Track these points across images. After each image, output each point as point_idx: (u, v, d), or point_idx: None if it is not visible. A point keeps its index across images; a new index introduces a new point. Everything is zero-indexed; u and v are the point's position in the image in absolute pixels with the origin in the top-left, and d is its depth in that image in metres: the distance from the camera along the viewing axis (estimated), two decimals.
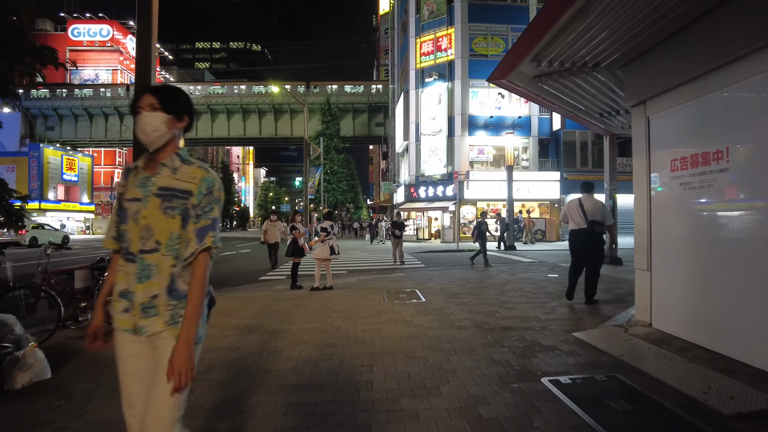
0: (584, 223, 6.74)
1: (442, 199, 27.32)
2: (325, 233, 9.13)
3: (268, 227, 13.64)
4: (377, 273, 12.34)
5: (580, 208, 6.85)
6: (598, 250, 6.79)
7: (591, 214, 6.75)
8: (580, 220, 6.80)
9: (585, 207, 6.87)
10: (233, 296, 8.65)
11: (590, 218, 6.73)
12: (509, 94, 27.94)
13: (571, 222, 6.96)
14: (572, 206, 6.94)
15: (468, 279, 10.35)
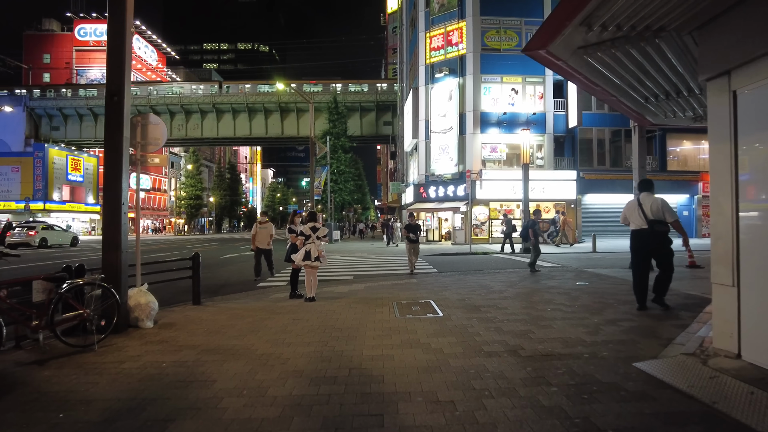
0: (644, 223, 6.16)
1: (453, 199, 26.23)
2: (304, 237, 8.09)
3: (256, 230, 11.79)
4: (386, 279, 11.31)
5: (639, 208, 6.26)
6: (666, 250, 6.22)
7: (651, 213, 6.14)
8: (640, 221, 6.23)
9: (644, 206, 6.24)
10: (225, 307, 7.66)
11: (651, 217, 6.12)
12: (523, 90, 26.84)
13: (631, 223, 6.42)
14: (631, 206, 6.43)
15: (488, 288, 9.28)
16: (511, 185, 25.80)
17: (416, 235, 12.32)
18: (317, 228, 8.12)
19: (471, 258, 17.57)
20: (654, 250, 6.27)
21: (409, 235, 12.29)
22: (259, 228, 11.82)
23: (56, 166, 47.72)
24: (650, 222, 6.10)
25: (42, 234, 27.91)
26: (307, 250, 7.97)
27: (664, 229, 6.07)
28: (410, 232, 12.29)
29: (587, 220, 27.29)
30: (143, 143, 7.07)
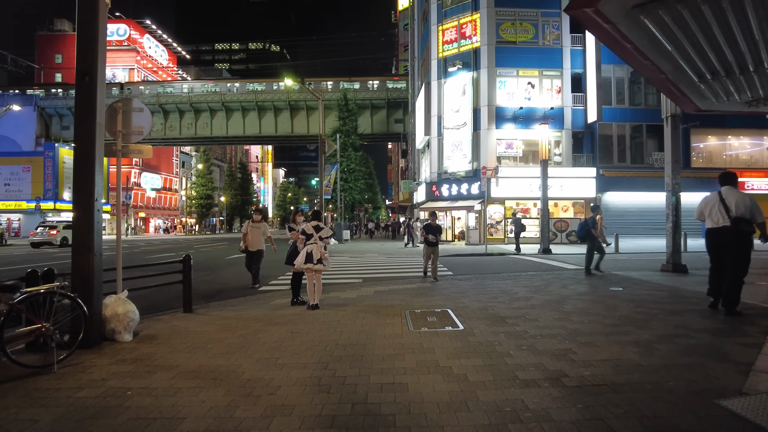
0: (727, 221, 5.47)
1: (467, 197, 25.28)
2: (305, 237, 7.29)
3: (248, 230, 10.26)
4: (398, 283, 10.43)
5: (721, 204, 5.54)
6: (743, 252, 5.50)
7: (737, 210, 5.40)
8: (720, 218, 5.56)
9: (727, 202, 5.47)
10: (218, 315, 6.87)
11: (736, 215, 5.39)
12: (540, 84, 25.79)
13: (708, 220, 5.80)
14: (711, 201, 5.76)
15: (511, 294, 8.38)
16: (527, 183, 24.78)
17: (436, 237, 10.70)
18: (321, 228, 7.29)
19: (487, 259, 16.62)
20: (731, 250, 5.51)
21: (428, 237, 10.72)
22: (251, 227, 10.31)
23: (66, 165, 47.56)
24: (734, 220, 5.39)
25: (63, 233, 28.34)
26: (308, 251, 7.16)
27: (749, 230, 5.19)
28: (429, 233, 10.70)
29: (607, 219, 26.04)
30: (125, 132, 6.30)
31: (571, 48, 25.88)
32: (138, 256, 20.30)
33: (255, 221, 10.42)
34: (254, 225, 10.33)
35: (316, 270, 7.21)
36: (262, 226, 10.37)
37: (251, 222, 10.40)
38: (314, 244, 7.17)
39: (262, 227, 10.36)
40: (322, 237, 7.24)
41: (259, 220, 10.49)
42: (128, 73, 62.06)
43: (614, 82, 26.25)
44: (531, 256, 17.93)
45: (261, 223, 10.44)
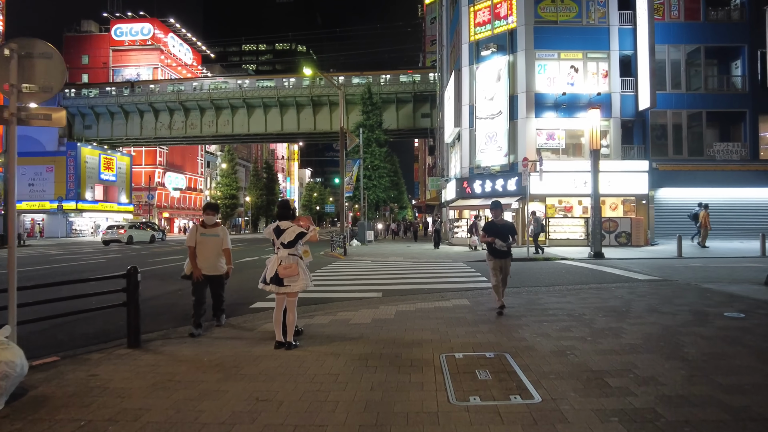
0: None
1: (503, 194, 22.74)
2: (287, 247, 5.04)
3: (197, 240, 5.97)
4: (427, 298, 8.19)
5: None
6: None
7: None
8: None
9: None
10: (170, 356, 4.80)
11: None
12: (584, 67, 23.06)
13: None
14: None
15: (587, 322, 6.05)
16: (570, 178, 22.11)
17: (507, 243, 6.74)
18: (282, 230, 5.08)
19: (532, 266, 14.18)
20: None
21: (494, 242, 6.72)
22: (201, 236, 5.95)
23: (89, 165, 47.05)
24: None
25: (130, 232, 32.36)
26: (283, 263, 5.00)
27: None
28: (495, 235, 6.74)
29: (661, 219, 23.24)
30: (29, 89, 4.28)
31: (620, 27, 23.05)
32: (143, 258, 18.64)
33: (207, 226, 6.04)
34: (207, 233, 5.98)
35: (281, 294, 5.05)
36: (219, 232, 6.07)
37: (200, 228, 6.03)
38: (288, 254, 5.02)
39: (221, 235, 6.06)
40: (286, 243, 5.02)
41: (214, 223, 6.11)
42: (152, 71, 61.64)
43: (669, 65, 23.27)
44: (581, 261, 15.38)
45: (217, 228, 6.09)
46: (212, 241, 5.99)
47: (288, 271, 4.91)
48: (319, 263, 16.25)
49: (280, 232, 5.03)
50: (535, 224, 18.50)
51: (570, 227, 22.51)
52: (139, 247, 28.22)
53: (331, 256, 19.65)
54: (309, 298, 8.61)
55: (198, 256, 5.94)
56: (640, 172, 22.62)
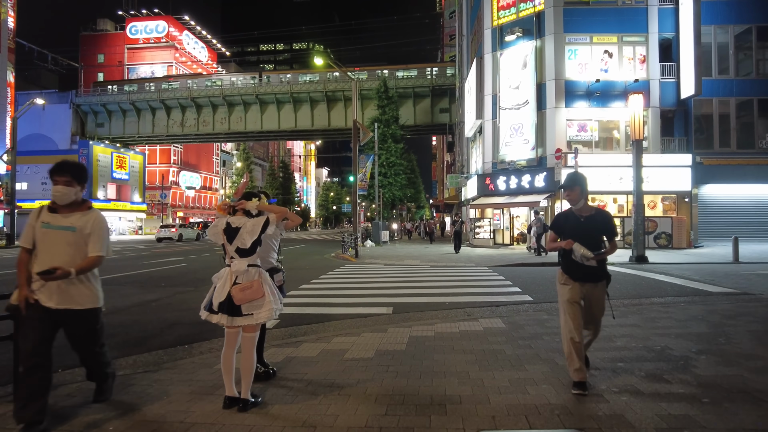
0: None
1: (530, 191, 20.87)
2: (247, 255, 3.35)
3: (37, 238, 3.04)
4: (449, 316, 6.50)
5: None
6: None
7: None
8: None
9: None
10: None
11: None
12: (619, 52, 21.04)
13: None
14: None
15: (680, 362, 4.29)
16: (605, 173, 20.11)
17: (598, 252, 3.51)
18: (236, 230, 3.34)
19: None
20: None
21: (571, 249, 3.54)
22: (41, 227, 3.03)
23: (101, 164, 46.40)
24: None
25: (180, 231, 36.15)
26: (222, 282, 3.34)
27: None
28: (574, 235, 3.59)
29: (705, 219, 21.05)
30: None
31: (659, 7, 20.95)
32: (132, 262, 17.26)
33: (52, 210, 3.09)
34: (47, 224, 3.05)
35: (234, 328, 3.34)
36: (85, 221, 3.10)
37: (42, 215, 3.06)
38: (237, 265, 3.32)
39: (88, 225, 3.10)
40: (246, 249, 3.32)
41: (72, 203, 3.13)
42: (166, 69, 60.98)
43: (715, 48, 21.07)
44: (622, 266, 13.46)
45: (82, 217, 3.11)
46: (60, 239, 3.05)
47: (248, 294, 3.24)
48: (327, 266, 14.65)
49: (233, 232, 3.36)
50: (538, 224, 17.22)
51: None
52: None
53: (342, 258, 18.07)
54: (303, 315, 6.99)
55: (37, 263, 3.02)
56: (681, 166, 20.53)
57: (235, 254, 3.34)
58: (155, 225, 52.56)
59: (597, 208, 3.79)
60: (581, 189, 3.67)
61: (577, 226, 3.65)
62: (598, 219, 3.69)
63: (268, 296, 3.31)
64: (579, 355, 3.52)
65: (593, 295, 3.69)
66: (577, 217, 3.70)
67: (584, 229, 3.62)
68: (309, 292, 9.26)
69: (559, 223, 3.84)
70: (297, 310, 7.33)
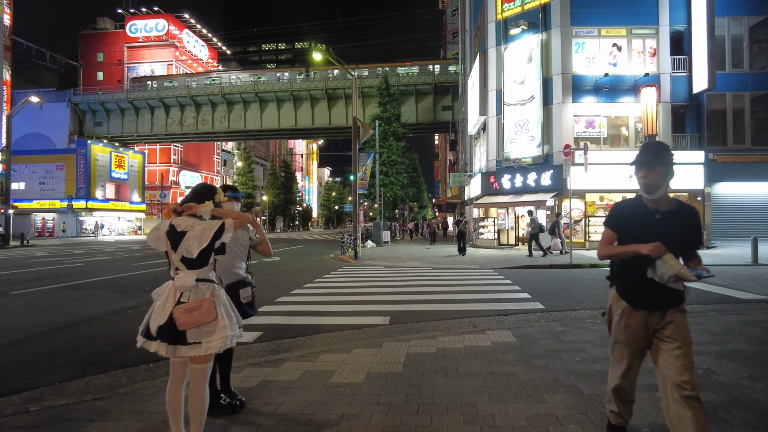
0: None
1: (536, 190, 20.13)
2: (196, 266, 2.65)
3: None
4: (453, 328, 5.81)
5: None
6: None
7: None
8: None
9: None
10: None
11: None
12: (629, 45, 20.25)
13: None
14: None
15: (728, 389, 3.56)
16: (614, 171, 19.32)
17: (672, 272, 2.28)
18: (180, 233, 2.62)
19: (578, 275, 11.59)
20: None
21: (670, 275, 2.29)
22: None
23: (99, 163, 45.81)
24: None
25: None
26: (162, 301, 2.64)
27: None
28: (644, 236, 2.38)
29: (718, 219, 20.27)
30: None
31: None
32: (121, 264, 16.58)
33: None
34: None
35: (184, 358, 2.64)
36: None
37: None
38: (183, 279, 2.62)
39: None
40: (194, 258, 2.61)
41: None
42: (166, 68, 60.40)
43: (729, 41, 20.26)
44: None
45: None
46: None
47: (195, 316, 2.53)
48: (324, 268, 13.97)
49: (178, 237, 2.65)
50: (533, 225, 16.65)
51: (527, 228, 19.81)
52: None
53: (340, 260, 17.38)
54: (290, 326, 6.31)
55: None
56: (693, 164, 19.71)
57: (180, 265, 2.64)
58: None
59: (679, 201, 2.53)
60: (665, 170, 2.42)
61: (650, 227, 2.42)
62: (683, 217, 2.46)
63: (222, 320, 2.61)
64: (624, 399, 2.64)
65: (669, 326, 2.42)
66: (650, 212, 2.46)
67: (661, 231, 2.38)
68: (301, 297, 8.56)
69: (621, 218, 2.56)
70: (284, 320, 6.64)
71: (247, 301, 3.30)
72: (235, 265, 3.38)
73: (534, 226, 16.85)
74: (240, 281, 3.33)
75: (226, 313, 2.65)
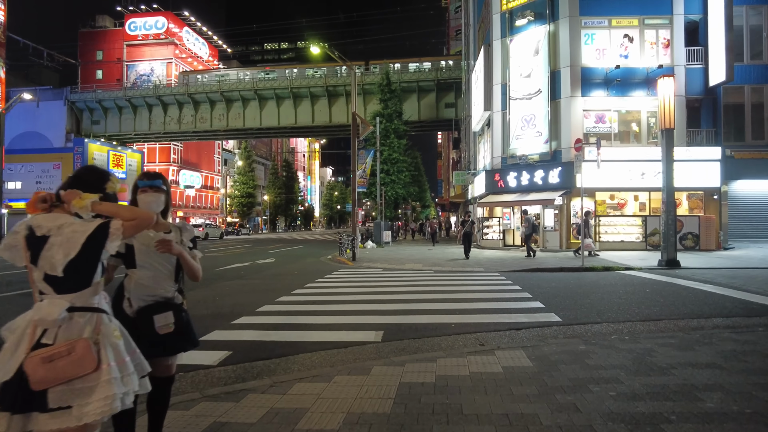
0: None
1: (543, 188, 19.19)
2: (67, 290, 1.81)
3: None
4: (454, 347, 4.93)
5: None
6: None
7: None
8: None
9: None
10: None
11: None
12: (641, 36, 19.30)
13: None
14: None
15: None
16: (626, 168, 18.44)
17: None
18: (40, 239, 1.75)
19: (592, 279, 10.66)
20: None
21: None
22: None
23: (97, 162, 44.99)
24: None
25: (206, 230, 39.62)
26: (12, 343, 1.74)
27: None
28: None
29: (735, 218, 19.30)
30: None
31: None
32: None
33: None
34: None
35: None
36: None
37: None
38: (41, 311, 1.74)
39: None
40: (56, 279, 1.74)
41: None
42: (166, 66, 59.66)
43: (747, 31, 19.28)
44: (651, 271, 11.83)
45: None
46: None
47: (61, 368, 1.66)
48: (319, 271, 13.11)
49: (38, 244, 1.77)
50: (527, 225, 16.11)
51: (624, 227, 18.87)
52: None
53: (338, 262, 16.53)
54: (266, 343, 5.43)
55: None
56: (710, 160, 18.77)
57: (45, 286, 1.76)
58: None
59: None
60: None
61: None
62: None
63: (108, 371, 1.72)
64: None
65: None
66: None
67: None
68: (285, 307, 7.68)
69: None
70: (261, 335, 5.76)
71: (165, 332, 2.41)
72: (160, 281, 2.50)
73: (528, 226, 16.23)
74: (157, 304, 2.44)
75: (115, 359, 1.78)
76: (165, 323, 2.40)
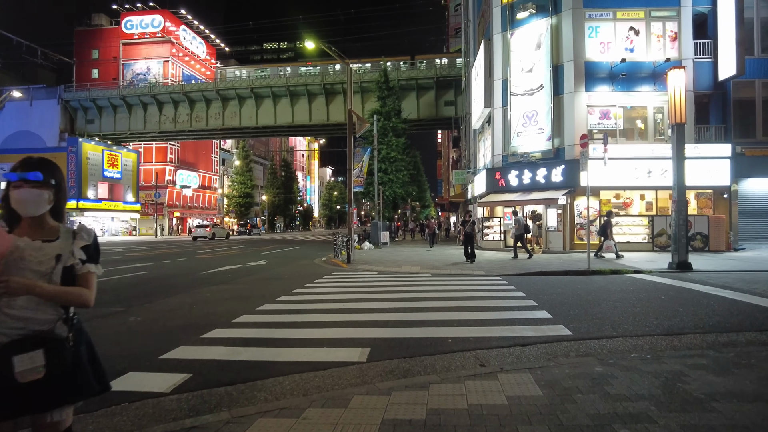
0: None
1: (546, 187, 18.49)
2: None
3: None
4: (450, 369, 4.23)
5: None
6: None
7: None
8: None
9: None
10: None
11: None
12: (647, 29, 18.60)
13: None
14: None
15: None
16: (632, 166, 17.75)
17: None
18: None
19: (601, 283, 9.95)
20: None
21: None
22: None
23: (91, 162, 44.42)
24: None
25: (213, 230, 40.98)
26: None
27: None
28: None
29: (746, 218, 18.59)
30: None
31: None
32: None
33: None
34: None
35: None
36: None
37: None
38: None
39: None
40: None
41: None
42: (163, 65, 58.99)
43: (758, 23, 18.58)
44: (662, 275, 11.13)
45: None
46: None
47: None
48: (310, 274, 12.41)
49: None
50: (517, 226, 15.52)
51: (630, 228, 18.17)
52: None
53: (332, 264, 15.85)
54: (233, 363, 4.72)
55: None
56: (719, 158, 18.07)
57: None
58: (150, 225, 50.66)
59: None
60: None
61: None
62: None
63: None
64: None
65: None
66: None
67: None
68: (265, 317, 6.98)
69: None
70: (229, 353, 5.05)
71: (31, 378, 1.70)
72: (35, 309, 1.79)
73: (519, 227, 15.60)
74: (24, 339, 1.74)
75: None
76: (30, 366, 1.69)
